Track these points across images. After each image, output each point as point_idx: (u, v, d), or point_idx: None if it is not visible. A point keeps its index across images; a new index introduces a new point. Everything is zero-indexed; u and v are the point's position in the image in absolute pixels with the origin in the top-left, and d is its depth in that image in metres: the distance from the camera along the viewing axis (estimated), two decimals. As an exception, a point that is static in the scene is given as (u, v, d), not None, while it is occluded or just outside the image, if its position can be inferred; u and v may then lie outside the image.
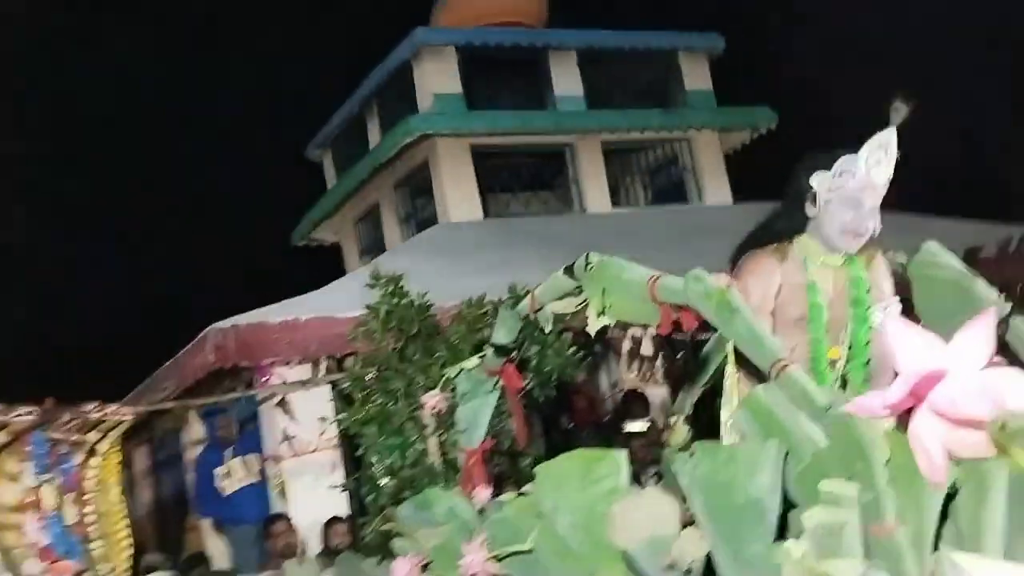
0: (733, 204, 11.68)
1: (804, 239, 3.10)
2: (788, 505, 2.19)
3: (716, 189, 12.01)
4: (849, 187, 2.99)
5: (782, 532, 2.20)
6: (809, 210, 3.05)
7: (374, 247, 12.35)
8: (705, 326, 2.55)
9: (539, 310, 3.05)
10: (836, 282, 3.11)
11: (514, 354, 3.37)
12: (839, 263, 3.10)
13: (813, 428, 2.11)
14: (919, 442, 0.55)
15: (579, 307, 2.81)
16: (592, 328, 2.71)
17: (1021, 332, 2.28)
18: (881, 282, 3.17)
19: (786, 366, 2.18)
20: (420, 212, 11.78)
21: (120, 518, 4.56)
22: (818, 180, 3.01)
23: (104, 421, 4.30)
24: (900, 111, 2.90)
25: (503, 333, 3.24)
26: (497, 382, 3.50)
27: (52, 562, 4.08)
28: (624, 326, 7.51)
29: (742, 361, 2.65)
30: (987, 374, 0.54)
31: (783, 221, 3.15)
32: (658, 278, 2.54)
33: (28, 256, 16.45)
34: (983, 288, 2.50)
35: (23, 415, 3.96)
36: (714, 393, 3.31)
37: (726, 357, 3.01)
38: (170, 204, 17.65)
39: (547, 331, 3.20)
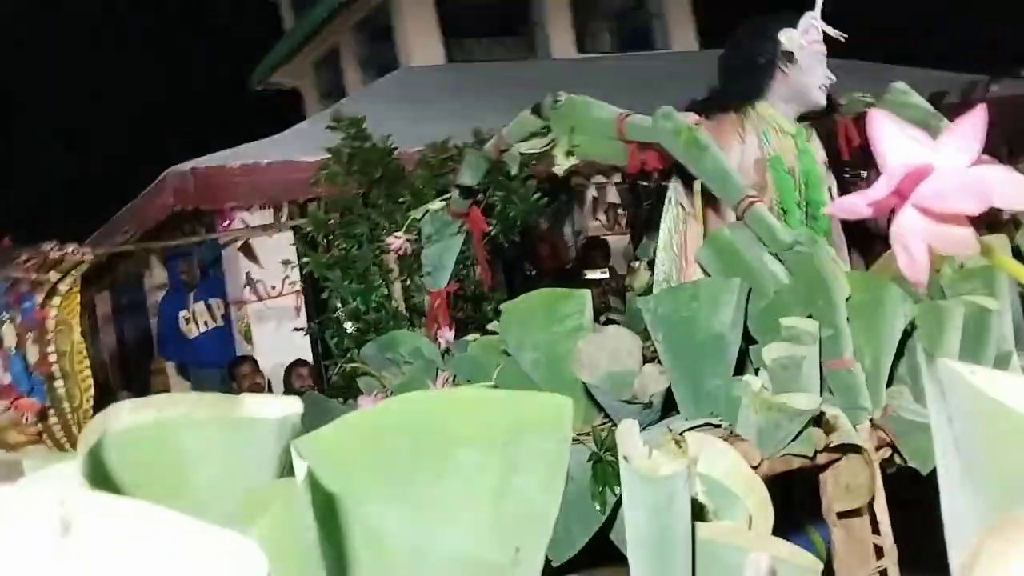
0: (700, 50, 11.50)
1: (762, 107, 3.01)
2: (749, 341, 2.24)
3: (682, 35, 11.79)
4: (816, 42, 2.96)
5: (742, 367, 2.26)
6: (786, 69, 2.98)
7: (334, 92, 12.07)
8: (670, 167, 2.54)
9: (505, 151, 3.02)
10: (790, 153, 3.08)
11: (480, 197, 3.36)
12: (793, 131, 3.06)
13: (777, 265, 2.14)
14: (902, 240, 0.54)
15: (546, 147, 2.78)
16: (559, 168, 2.70)
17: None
18: (822, 153, 3.16)
19: (753, 202, 2.19)
20: (380, 56, 11.49)
21: (82, 358, 4.56)
22: (787, 37, 2.95)
23: (64, 261, 4.25)
24: None
25: (469, 175, 3.22)
26: (462, 225, 3.50)
27: (14, 400, 4.08)
28: (589, 174, 7.49)
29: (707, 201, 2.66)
30: (975, 170, 0.53)
31: (741, 84, 3.04)
32: (627, 116, 2.51)
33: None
34: (951, 130, 2.50)
35: (-21, 254, 3.90)
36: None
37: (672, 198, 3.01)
38: (130, 45, 17.07)
39: (513, 173, 3.18)
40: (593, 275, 7.34)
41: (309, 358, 7.01)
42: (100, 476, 0.66)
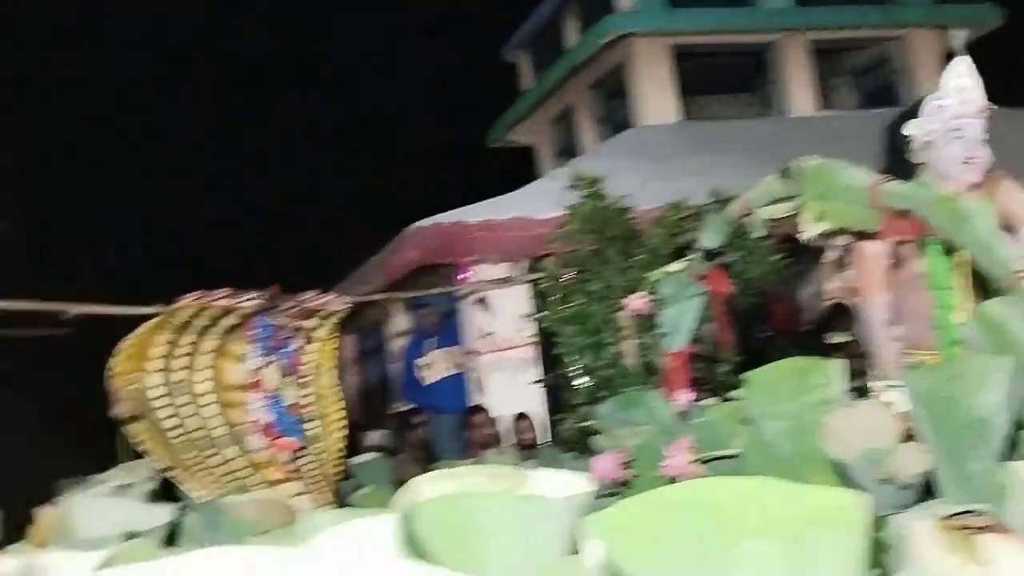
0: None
1: None
2: (1020, 424, 2.10)
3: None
4: (944, 122, 3.02)
5: (1012, 451, 2.11)
6: (917, 157, 3.06)
7: (568, 150, 12.33)
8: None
9: (749, 215, 2.99)
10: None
11: (721, 259, 3.33)
12: None
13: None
14: None
15: (793, 212, 2.74)
16: (808, 234, 2.64)
17: None
18: (1012, 207, 3.01)
19: (1023, 277, 2.06)
20: (615, 114, 11.63)
21: (335, 400, 4.83)
22: (912, 127, 3.07)
23: (322, 309, 4.53)
24: (958, 38, 2.83)
25: (711, 237, 3.20)
26: (702, 287, 3.47)
27: (274, 439, 4.36)
28: (828, 234, 7.24)
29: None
30: None
31: (896, 174, 3.08)
32: (882, 183, 2.43)
33: (257, 161, 17.41)
34: None
35: (250, 300, 4.21)
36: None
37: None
38: (375, 107, 18.15)
39: (756, 237, 3.14)
40: (837, 338, 7.06)
41: (538, 410, 7.12)
42: (408, 542, 0.70)
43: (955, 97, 3.05)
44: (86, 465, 5.47)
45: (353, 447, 5.01)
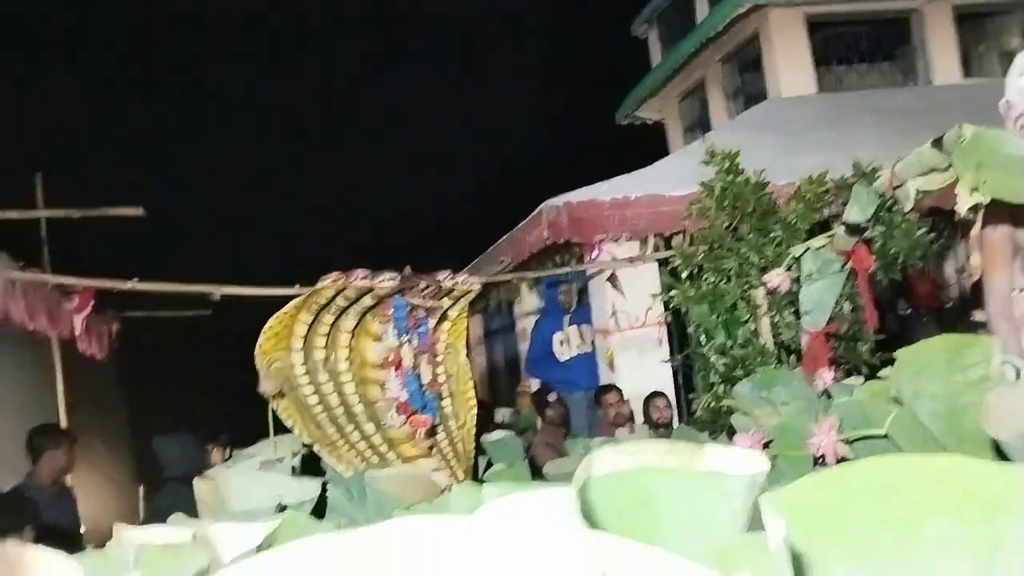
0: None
1: None
2: None
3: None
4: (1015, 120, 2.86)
5: None
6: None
7: (698, 125, 12.15)
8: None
9: (899, 187, 2.88)
10: None
11: (866, 234, 3.22)
12: None
13: None
14: None
15: (948, 184, 2.62)
16: (963, 206, 2.52)
17: None
18: None
19: None
20: (748, 87, 11.38)
21: (467, 379, 4.90)
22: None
23: (455, 289, 4.59)
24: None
25: (857, 211, 3.10)
26: (846, 263, 3.37)
27: (410, 415, 4.45)
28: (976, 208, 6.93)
29: None
30: None
31: None
32: (1046, 152, 2.30)
33: (392, 139, 17.75)
34: None
35: (386, 280, 4.30)
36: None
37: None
38: (505, 84, 18.26)
39: (907, 209, 3.02)
40: (981, 317, 6.76)
41: (668, 389, 7.06)
42: (586, 516, 0.70)
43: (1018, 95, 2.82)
44: (237, 440, 5.72)
45: (482, 425, 5.07)
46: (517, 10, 18.46)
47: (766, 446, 2.86)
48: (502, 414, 7.98)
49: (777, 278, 3.57)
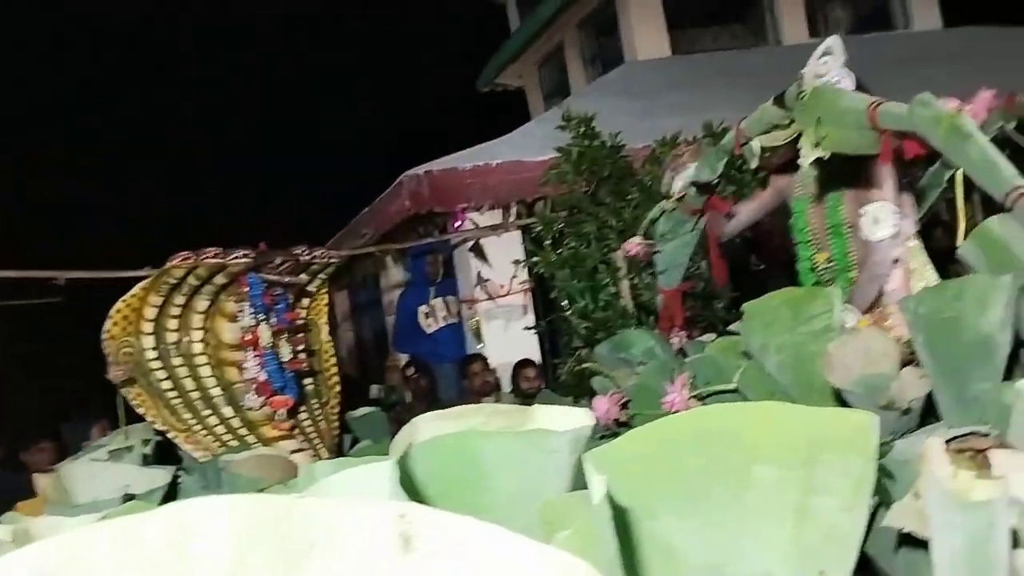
0: (943, 29, 10.77)
1: None
2: (1020, 342, 2.07)
3: (925, 13, 11.06)
4: None
5: (1011, 371, 2.09)
6: None
7: (558, 90, 12.19)
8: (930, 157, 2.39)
9: (744, 144, 2.93)
10: None
11: (716, 191, 3.28)
12: None
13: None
14: None
15: (790, 139, 2.68)
16: (806, 160, 2.58)
17: None
18: None
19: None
20: (604, 52, 11.47)
21: (329, 356, 4.81)
22: None
23: (313, 264, 4.48)
24: None
25: (706, 170, 3.15)
26: (697, 222, 3.43)
27: (269, 396, 4.33)
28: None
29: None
30: None
31: None
32: (879, 104, 2.38)
33: (243, 114, 17.22)
34: None
35: (239, 258, 4.15)
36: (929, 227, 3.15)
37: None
38: (359, 54, 17.96)
39: (752, 167, 3.09)
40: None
41: (536, 356, 7.10)
42: (408, 485, 0.67)
43: None
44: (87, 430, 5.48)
45: (350, 402, 4.99)
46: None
47: (624, 406, 2.90)
48: (375, 390, 7.88)
49: (635, 247, 3.60)
